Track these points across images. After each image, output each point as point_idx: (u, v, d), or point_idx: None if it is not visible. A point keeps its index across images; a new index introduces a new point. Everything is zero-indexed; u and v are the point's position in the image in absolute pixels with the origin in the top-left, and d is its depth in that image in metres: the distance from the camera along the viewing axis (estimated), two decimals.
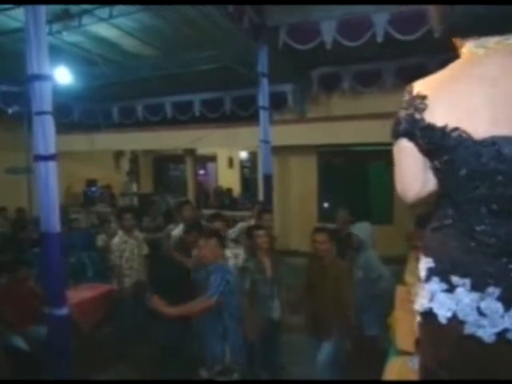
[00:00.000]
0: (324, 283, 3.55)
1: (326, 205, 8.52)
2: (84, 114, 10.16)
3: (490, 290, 1.10)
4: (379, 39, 5.30)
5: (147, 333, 4.59)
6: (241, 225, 5.50)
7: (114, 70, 7.15)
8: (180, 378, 3.68)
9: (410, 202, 1.25)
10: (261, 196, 7.02)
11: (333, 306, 3.43)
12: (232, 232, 5.41)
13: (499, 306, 1.09)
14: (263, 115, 6.17)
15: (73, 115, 9.87)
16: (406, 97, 1.17)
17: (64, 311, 3.33)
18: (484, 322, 1.10)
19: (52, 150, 3.27)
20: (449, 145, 1.09)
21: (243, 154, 13.34)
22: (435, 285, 1.16)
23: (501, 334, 1.08)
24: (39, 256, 3.79)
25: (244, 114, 8.41)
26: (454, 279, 1.13)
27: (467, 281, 1.12)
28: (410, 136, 1.16)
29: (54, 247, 3.29)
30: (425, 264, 1.20)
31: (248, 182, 13.05)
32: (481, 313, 1.10)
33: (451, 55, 1.21)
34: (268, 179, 6.38)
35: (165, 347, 3.90)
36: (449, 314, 1.13)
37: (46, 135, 3.22)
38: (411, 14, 5.06)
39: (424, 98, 1.13)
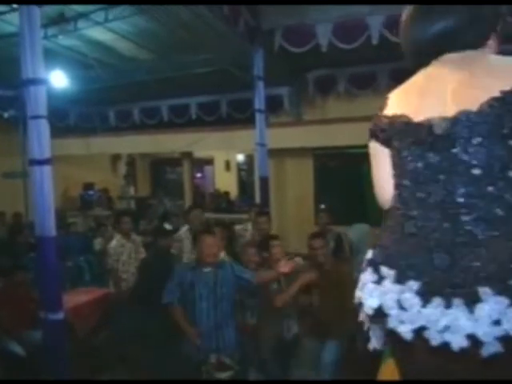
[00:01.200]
0: (326, 287, 3.55)
1: (322, 207, 8.53)
2: (80, 117, 10.15)
3: (411, 283, 1.05)
4: (374, 42, 5.32)
5: (144, 337, 4.58)
6: (237, 228, 5.51)
7: (110, 74, 7.16)
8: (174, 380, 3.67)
9: (387, 206, 1.23)
10: (258, 199, 7.03)
11: (337, 309, 3.43)
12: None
13: (417, 301, 1.04)
14: (259, 118, 6.18)
15: (69, 119, 9.86)
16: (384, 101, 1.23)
17: (60, 316, 3.31)
18: (403, 316, 1.05)
19: (47, 154, 3.26)
20: (395, 131, 1.14)
21: (240, 157, 13.35)
22: (368, 275, 1.14)
23: (418, 332, 1.03)
24: (35, 260, 3.78)
25: (240, 116, 8.42)
26: (384, 270, 1.10)
27: (392, 272, 1.08)
28: (375, 135, 1.21)
29: (49, 251, 3.28)
30: (368, 254, 1.19)
31: (245, 185, 13.06)
32: (401, 307, 1.05)
33: None
34: (264, 182, 6.38)
35: (161, 351, 3.88)
36: (375, 305, 1.11)
37: (41, 139, 3.22)
38: None
39: (387, 98, 1.21)
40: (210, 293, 3.24)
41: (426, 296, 1.03)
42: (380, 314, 1.10)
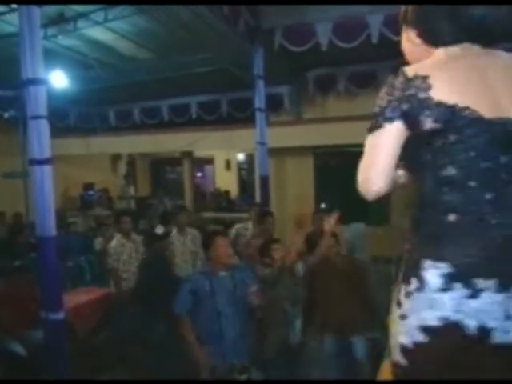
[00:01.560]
0: (339, 281, 3.55)
1: (322, 205, 8.52)
2: (80, 117, 10.14)
3: None
4: (374, 40, 5.32)
5: (145, 336, 4.58)
6: (237, 226, 5.50)
7: (110, 74, 7.15)
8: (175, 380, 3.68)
9: (371, 198, 1.17)
10: (258, 198, 7.03)
11: (357, 302, 3.44)
12: (229, 233, 5.41)
13: None
14: (259, 117, 6.18)
15: (69, 119, 9.85)
16: (399, 79, 1.14)
17: (60, 315, 3.32)
18: (505, 324, 1.03)
19: (47, 154, 3.26)
20: (459, 124, 1.07)
21: (240, 156, 13.35)
22: (458, 291, 1.05)
23: None
24: (36, 260, 3.78)
25: (241, 116, 8.41)
26: (479, 282, 1.04)
27: (492, 282, 1.04)
28: (410, 117, 1.10)
29: (49, 251, 3.28)
30: (435, 270, 1.08)
31: (245, 184, 13.06)
32: (508, 317, 1.03)
33: None
34: (265, 181, 6.38)
35: (162, 351, 3.88)
36: (474, 324, 1.04)
37: (42, 139, 3.22)
38: None
39: (426, 77, 1.10)
40: (231, 298, 3.11)
41: None
42: (483, 335, 1.04)
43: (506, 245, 1.05)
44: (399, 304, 1.17)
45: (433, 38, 1.23)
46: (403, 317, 1.14)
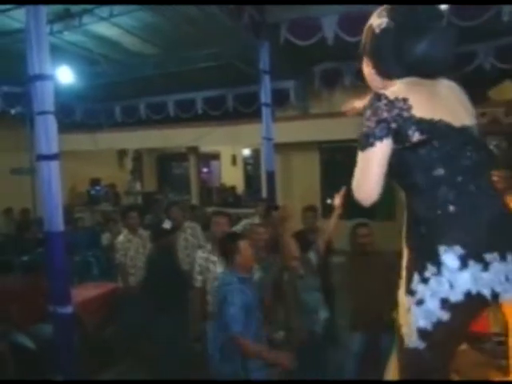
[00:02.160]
0: (370, 276, 3.53)
1: (328, 201, 8.51)
2: (86, 113, 10.18)
3: (509, 257, 1.27)
4: None
5: (152, 331, 4.61)
6: (245, 222, 5.50)
7: (116, 69, 7.17)
8: (184, 375, 3.70)
9: (367, 204, 1.39)
10: (264, 193, 7.03)
11: (383, 297, 3.43)
12: (235, 229, 5.41)
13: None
14: (265, 112, 6.16)
15: (75, 115, 9.90)
16: (383, 102, 1.34)
17: (69, 309, 3.34)
18: (507, 286, 1.27)
19: (55, 150, 3.28)
20: (438, 133, 1.33)
21: (246, 152, 13.33)
22: (472, 267, 1.25)
23: None
24: (44, 255, 3.81)
25: (246, 111, 8.39)
26: (486, 256, 1.25)
27: (495, 255, 1.26)
28: (399, 134, 1.33)
29: (57, 246, 3.31)
30: (452, 253, 1.26)
31: (251, 180, 13.05)
32: (507, 279, 1.27)
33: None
34: (271, 176, 6.37)
35: (169, 345, 3.90)
36: (489, 291, 1.26)
37: (49, 135, 3.24)
38: None
39: (406, 99, 1.33)
40: (258, 300, 3.03)
41: None
42: (495, 298, 1.26)
43: (495, 222, 1.30)
44: (412, 292, 1.33)
45: (382, 73, 1.49)
46: (420, 302, 1.31)
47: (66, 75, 6.92)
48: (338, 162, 8.51)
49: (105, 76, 7.34)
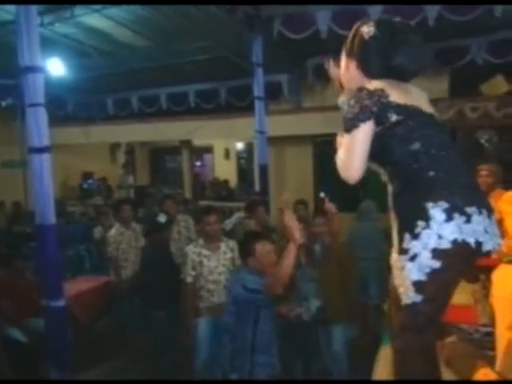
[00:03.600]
0: (328, 268, 3.61)
1: (322, 194, 8.54)
2: (78, 106, 10.09)
3: (484, 212, 1.46)
4: None
5: (145, 324, 4.63)
6: (237, 215, 5.51)
7: (108, 62, 7.10)
8: (176, 369, 3.73)
9: (352, 182, 1.58)
10: (257, 186, 7.03)
11: (340, 287, 3.48)
12: (228, 222, 5.43)
13: (489, 221, 1.47)
14: (258, 105, 6.14)
15: (67, 107, 9.81)
16: (364, 92, 1.57)
17: (61, 302, 3.34)
18: (487, 237, 1.44)
19: (46, 142, 3.26)
20: (413, 114, 1.57)
21: (240, 145, 13.31)
22: (457, 219, 1.42)
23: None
24: (36, 249, 3.80)
25: (240, 104, 8.35)
26: (468, 210, 1.43)
27: (474, 208, 1.44)
28: (379, 115, 1.55)
29: (49, 239, 3.29)
30: (438, 208, 1.44)
31: (245, 173, 13.04)
32: (486, 231, 1.45)
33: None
34: (264, 170, 6.37)
35: (162, 338, 3.92)
36: (473, 240, 1.43)
37: (40, 127, 3.21)
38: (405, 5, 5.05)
39: (383, 90, 1.57)
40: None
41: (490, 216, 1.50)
42: (478, 247, 1.43)
43: (469, 185, 1.55)
44: (405, 251, 1.49)
45: (368, 73, 1.70)
46: (413, 257, 1.47)
47: (57, 67, 6.85)
48: (331, 156, 8.45)
49: (97, 68, 7.27)
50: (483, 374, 1.68)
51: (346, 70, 1.82)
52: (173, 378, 3.73)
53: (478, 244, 1.43)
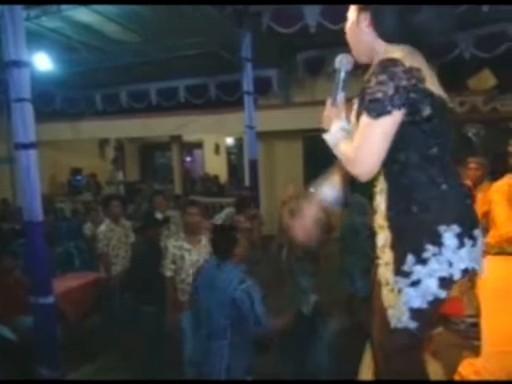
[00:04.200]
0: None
1: (312, 189, 8.57)
2: (67, 101, 9.98)
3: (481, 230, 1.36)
4: None
5: (134, 320, 4.61)
6: (227, 210, 5.51)
7: (96, 57, 7.03)
8: (166, 364, 3.73)
9: (366, 179, 1.30)
10: (247, 182, 7.03)
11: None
12: (218, 218, 5.43)
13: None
14: (248, 100, 6.14)
15: (55, 103, 9.69)
16: (399, 68, 1.25)
17: (50, 299, 3.33)
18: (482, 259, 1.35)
19: (32, 138, 3.23)
20: (439, 111, 1.30)
21: (230, 140, 13.28)
22: (467, 244, 1.29)
23: None
24: (24, 246, 3.76)
25: (229, 99, 8.34)
26: (475, 232, 1.31)
27: (479, 230, 1.32)
28: (413, 105, 1.25)
29: (37, 236, 3.27)
30: (451, 232, 1.26)
31: (235, 168, 13.03)
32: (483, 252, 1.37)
33: None
34: (253, 165, 6.38)
35: (151, 334, 3.91)
36: (477, 265, 1.34)
37: (26, 123, 3.18)
38: None
39: (419, 70, 1.27)
40: None
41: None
42: (479, 271, 1.34)
43: (469, 199, 1.37)
44: (406, 274, 1.30)
45: (383, 34, 1.38)
46: (416, 283, 1.29)
47: (44, 62, 6.77)
48: (321, 151, 8.50)
49: (85, 63, 7.19)
50: (469, 363, 1.70)
51: (355, 26, 1.47)
52: (162, 373, 3.74)
53: (481, 268, 1.36)
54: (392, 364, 1.40)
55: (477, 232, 1.31)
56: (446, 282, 1.28)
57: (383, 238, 1.38)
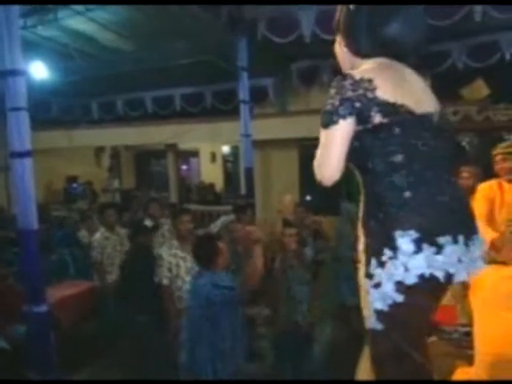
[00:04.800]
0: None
1: (308, 197, 8.58)
2: (62, 110, 9.98)
3: (460, 238, 1.33)
4: None
5: (129, 329, 4.59)
6: (223, 219, 5.50)
7: (92, 65, 7.05)
8: (160, 373, 3.70)
9: (328, 183, 1.42)
10: (243, 190, 7.04)
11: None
12: (214, 226, 5.42)
13: (465, 248, 1.34)
14: (243, 109, 6.17)
15: (51, 111, 9.70)
16: (348, 81, 1.36)
17: (43, 308, 3.30)
18: (460, 267, 1.33)
19: (28, 146, 3.22)
20: (399, 118, 1.35)
21: (226, 149, 13.31)
22: (426, 251, 1.30)
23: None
24: (18, 254, 3.75)
25: (225, 108, 8.37)
26: (439, 239, 1.30)
27: (448, 238, 1.31)
28: (362, 113, 1.34)
29: (31, 244, 3.26)
30: (407, 238, 1.30)
31: (231, 177, 13.04)
32: (460, 260, 1.32)
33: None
34: (249, 173, 6.39)
35: (146, 343, 3.89)
36: (442, 273, 1.31)
37: (21, 131, 3.18)
38: None
39: (371, 80, 1.35)
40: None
41: (467, 242, 1.35)
42: (448, 279, 1.32)
43: (446, 207, 1.36)
44: (370, 276, 1.37)
45: (356, 51, 1.51)
46: (377, 285, 1.35)
47: (40, 70, 6.78)
48: None
49: (81, 71, 7.20)
50: (462, 371, 1.71)
51: (338, 46, 1.61)
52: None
53: (449, 276, 1.32)
54: (382, 372, 1.43)
55: (443, 238, 1.30)
56: (401, 287, 1.32)
57: (361, 243, 1.45)
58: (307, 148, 8.77)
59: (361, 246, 1.46)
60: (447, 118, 1.51)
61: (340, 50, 1.59)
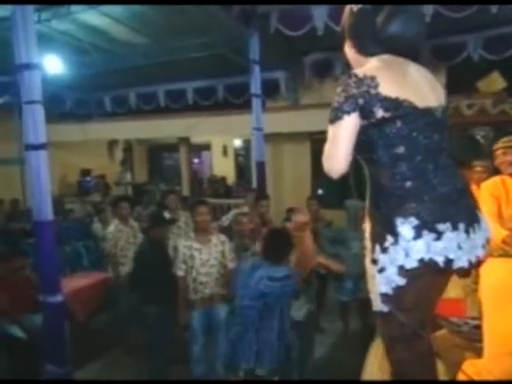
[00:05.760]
0: None
1: (319, 191, 8.56)
2: (76, 103, 10.07)
3: (460, 225, 1.40)
4: None
5: (142, 320, 4.66)
6: (234, 212, 5.54)
7: (106, 59, 7.09)
8: (172, 363, 3.76)
9: (336, 176, 1.51)
10: (254, 183, 7.05)
11: None
12: (225, 219, 5.46)
13: (465, 236, 1.41)
14: (255, 103, 6.16)
15: (65, 105, 9.79)
16: (352, 79, 1.46)
17: (58, 298, 3.37)
18: (460, 253, 1.40)
19: (42, 139, 3.27)
20: (402, 112, 1.43)
21: (238, 142, 13.31)
22: (426, 237, 1.38)
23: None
24: (34, 245, 3.81)
25: (237, 101, 8.37)
26: (440, 227, 1.38)
27: (448, 225, 1.38)
28: (365, 109, 1.44)
29: (46, 235, 3.32)
30: (407, 225, 1.39)
31: (243, 170, 13.05)
32: (459, 247, 1.40)
33: None
34: (260, 167, 6.40)
35: (158, 334, 3.94)
36: (443, 259, 1.39)
37: (36, 124, 3.23)
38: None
39: (373, 77, 1.44)
40: None
41: (468, 229, 1.42)
42: (448, 264, 1.39)
43: (446, 197, 1.43)
44: (375, 261, 1.48)
45: (361, 50, 1.61)
46: (381, 270, 1.45)
47: (54, 64, 6.84)
48: None
49: (94, 65, 7.26)
50: (470, 363, 1.71)
51: (346, 48, 1.71)
52: (168, 370, 3.78)
53: (448, 261, 1.40)
54: (392, 353, 1.54)
55: (443, 226, 1.38)
56: (403, 271, 1.41)
57: (367, 231, 1.56)
58: (319, 142, 8.68)
59: (367, 234, 1.56)
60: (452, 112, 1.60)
61: (348, 50, 1.70)
